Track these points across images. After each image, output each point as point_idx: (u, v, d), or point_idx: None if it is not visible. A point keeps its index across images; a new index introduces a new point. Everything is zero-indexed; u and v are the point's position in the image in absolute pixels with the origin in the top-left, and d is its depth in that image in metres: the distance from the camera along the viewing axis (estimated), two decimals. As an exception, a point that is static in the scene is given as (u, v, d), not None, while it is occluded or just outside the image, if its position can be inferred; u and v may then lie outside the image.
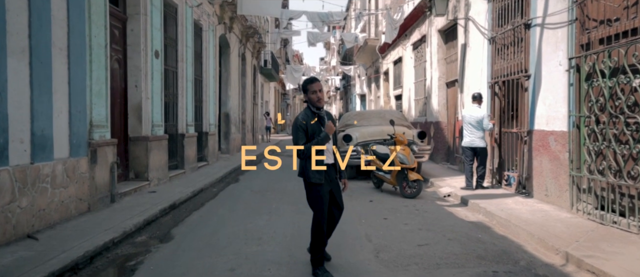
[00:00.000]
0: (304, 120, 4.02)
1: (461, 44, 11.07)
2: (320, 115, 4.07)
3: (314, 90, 4.01)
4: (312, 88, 4.02)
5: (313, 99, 4.02)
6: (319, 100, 4.02)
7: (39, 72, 5.17)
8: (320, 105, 4.04)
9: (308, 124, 4.01)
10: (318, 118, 4.04)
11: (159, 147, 8.91)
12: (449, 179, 9.87)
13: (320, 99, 4.03)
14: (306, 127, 4.01)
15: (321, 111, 4.09)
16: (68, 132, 5.79)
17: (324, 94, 4.08)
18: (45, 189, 5.25)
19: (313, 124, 4.01)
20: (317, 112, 4.05)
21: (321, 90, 4.05)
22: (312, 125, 4.01)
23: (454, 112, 12.43)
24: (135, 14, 8.31)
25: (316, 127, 4.02)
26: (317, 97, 4.01)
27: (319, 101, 4.02)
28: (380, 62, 22.99)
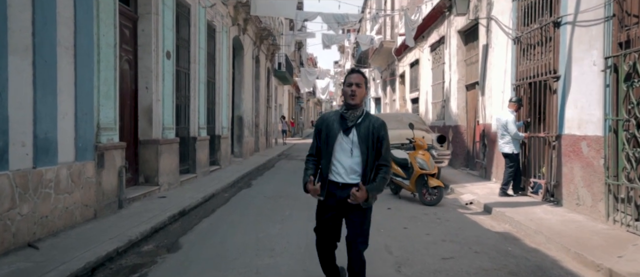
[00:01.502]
0: (325, 118, 3.32)
1: (483, 45, 10.65)
2: (344, 116, 3.20)
3: (349, 83, 3.20)
4: (348, 80, 3.21)
5: (346, 92, 3.21)
6: (351, 95, 3.16)
7: (43, 72, 4.93)
8: (351, 102, 3.17)
9: (326, 124, 3.25)
10: (342, 121, 3.21)
11: (170, 151, 8.66)
12: (469, 185, 9.45)
13: (353, 94, 3.15)
14: (321, 127, 3.28)
15: (349, 112, 3.19)
16: (74, 135, 5.54)
17: (363, 90, 3.18)
18: (48, 194, 5.00)
19: (332, 124, 3.22)
20: (343, 112, 3.22)
21: (359, 85, 3.17)
22: (329, 127, 3.22)
23: (473, 115, 12.00)
24: (146, 14, 8.08)
25: (333, 129, 3.20)
26: (350, 91, 3.17)
27: (351, 97, 3.16)
28: (396, 65, 22.58)
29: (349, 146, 3.16)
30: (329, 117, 3.31)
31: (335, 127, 3.20)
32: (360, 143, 3.13)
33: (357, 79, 3.19)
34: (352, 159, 3.16)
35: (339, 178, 3.18)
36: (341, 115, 3.23)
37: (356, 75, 3.22)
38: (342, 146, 3.17)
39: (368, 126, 3.16)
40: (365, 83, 3.24)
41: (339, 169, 3.17)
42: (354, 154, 3.15)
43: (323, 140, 3.24)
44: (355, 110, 3.19)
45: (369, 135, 3.13)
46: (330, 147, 3.18)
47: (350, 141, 3.16)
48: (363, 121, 3.19)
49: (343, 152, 3.17)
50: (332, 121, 3.24)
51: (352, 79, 3.20)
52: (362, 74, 3.24)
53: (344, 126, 3.19)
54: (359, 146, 3.13)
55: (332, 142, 3.17)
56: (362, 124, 3.17)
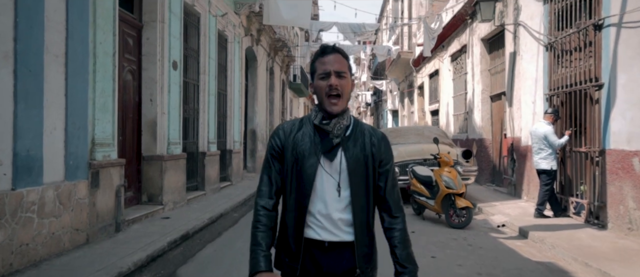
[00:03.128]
0: (288, 131, 1.90)
1: (509, 53, 9.95)
2: (322, 129, 1.85)
3: (324, 72, 1.83)
4: (323, 66, 1.84)
5: (320, 88, 1.84)
6: (332, 94, 1.82)
7: (26, 82, 4.41)
8: (333, 106, 1.82)
9: (293, 143, 1.87)
10: (319, 134, 1.86)
11: (176, 167, 8.11)
12: (499, 204, 8.70)
13: (336, 92, 1.82)
14: (281, 148, 1.88)
15: (332, 122, 1.84)
16: (63, 151, 5.01)
17: (349, 83, 1.86)
18: (29, 219, 4.45)
19: (303, 143, 1.86)
20: (320, 122, 1.85)
21: (342, 75, 1.83)
22: (298, 146, 1.86)
23: (499, 128, 11.26)
24: (151, 22, 7.60)
25: (305, 151, 1.85)
26: (327, 86, 1.82)
27: (331, 98, 1.82)
28: (414, 76, 21.92)
29: (335, 179, 1.82)
30: (293, 130, 1.90)
31: (308, 148, 1.84)
32: (352, 173, 1.82)
33: (338, 62, 1.83)
34: (341, 200, 1.82)
35: (324, 234, 1.83)
36: (316, 126, 1.86)
37: (335, 56, 1.84)
38: (324, 179, 1.83)
39: (363, 143, 1.87)
40: (349, 68, 1.88)
41: (322, 220, 1.83)
42: (343, 193, 1.82)
43: (289, 171, 1.85)
44: (341, 117, 1.84)
45: (366, 158, 1.85)
46: (305, 183, 1.81)
47: (336, 169, 1.83)
48: (353, 135, 1.87)
49: (327, 190, 1.82)
50: (302, 137, 1.86)
51: (328, 62, 1.82)
52: (343, 54, 1.87)
53: (326, 146, 1.83)
54: (350, 178, 1.82)
55: (307, 174, 1.81)
56: (351, 140, 1.86)
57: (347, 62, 1.89)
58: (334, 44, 1.94)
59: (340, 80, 1.83)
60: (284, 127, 1.94)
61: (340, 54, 1.87)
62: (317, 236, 1.84)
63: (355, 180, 1.83)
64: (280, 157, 1.89)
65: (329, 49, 1.88)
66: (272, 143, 1.92)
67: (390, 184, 1.91)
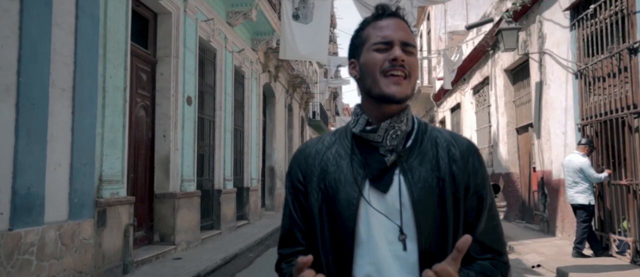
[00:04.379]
0: (311, 151, 1.23)
1: (535, 82, 9.56)
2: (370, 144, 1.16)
3: (383, 40, 1.14)
4: (380, 28, 1.16)
5: (374, 63, 1.14)
6: (391, 68, 1.12)
7: (28, 116, 4.23)
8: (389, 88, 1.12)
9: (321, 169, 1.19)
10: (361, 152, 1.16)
11: (189, 206, 7.82)
12: (531, 242, 8.12)
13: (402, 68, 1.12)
14: (304, 177, 1.21)
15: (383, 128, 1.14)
16: (68, 188, 4.77)
17: (417, 64, 1.19)
18: (27, 262, 4.17)
19: (338, 168, 1.16)
20: (364, 132, 1.16)
21: (409, 49, 1.15)
22: (329, 174, 1.17)
23: (527, 161, 10.73)
24: (165, 57, 7.51)
25: (341, 180, 1.15)
26: (387, 59, 1.13)
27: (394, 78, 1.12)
28: (435, 111, 21.57)
29: (395, 222, 1.10)
30: (320, 149, 1.22)
31: (344, 174, 1.15)
32: (420, 208, 1.10)
33: (404, 30, 1.17)
34: (407, 257, 1.10)
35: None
36: (356, 138, 1.19)
37: (398, 21, 1.17)
38: (374, 224, 1.11)
39: (434, 159, 1.15)
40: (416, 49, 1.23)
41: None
42: (409, 245, 1.10)
43: (316, 215, 1.17)
44: (396, 119, 1.15)
45: (441, 182, 1.12)
46: (341, 232, 1.13)
47: (394, 205, 1.11)
48: (417, 146, 1.17)
49: (379, 242, 1.11)
50: (335, 159, 1.19)
51: (389, 27, 1.16)
52: (406, 22, 1.20)
53: (374, 168, 1.14)
54: (418, 218, 1.10)
55: (345, 217, 1.12)
56: (415, 154, 1.15)
57: (411, 32, 1.21)
58: (397, 8, 1.21)
59: (409, 57, 1.14)
60: (307, 147, 1.26)
61: (405, 22, 1.21)
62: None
63: (425, 222, 1.09)
64: (304, 196, 1.20)
65: (390, 10, 1.19)
66: (291, 175, 1.24)
67: (489, 223, 1.15)
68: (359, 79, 1.20)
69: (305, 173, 1.21)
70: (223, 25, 9.76)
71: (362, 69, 1.18)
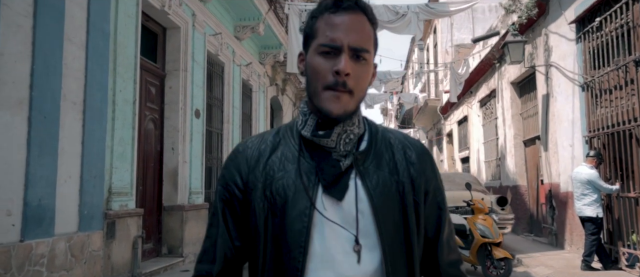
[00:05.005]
0: (253, 153, 1.08)
1: (542, 95, 9.56)
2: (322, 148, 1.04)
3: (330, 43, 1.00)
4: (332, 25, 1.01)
5: (318, 70, 1.02)
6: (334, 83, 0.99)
7: (40, 129, 4.31)
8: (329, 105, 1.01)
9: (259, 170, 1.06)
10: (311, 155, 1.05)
11: (197, 218, 7.86)
12: (539, 255, 8.07)
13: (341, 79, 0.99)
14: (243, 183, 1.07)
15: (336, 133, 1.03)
16: (77, 201, 4.84)
17: (368, 71, 1.04)
18: (38, 273, 4.22)
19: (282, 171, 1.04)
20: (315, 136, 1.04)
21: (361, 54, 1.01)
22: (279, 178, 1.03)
23: (535, 173, 10.69)
24: (174, 71, 7.61)
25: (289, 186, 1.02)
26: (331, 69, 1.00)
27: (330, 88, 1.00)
28: (442, 124, 21.56)
29: (350, 231, 1.00)
30: (263, 152, 1.08)
31: (292, 182, 1.03)
32: (381, 215, 1.01)
33: (359, 30, 1.02)
34: (362, 269, 0.99)
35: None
36: (306, 141, 1.06)
37: (354, 17, 1.02)
38: (328, 236, 1.00)
39: (391, 161, 1.07)
40: (374, 47, 1.06)
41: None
42: (365, 256, 1.00)
43: (261, 228, 1.03)
44: (348, 122, 1.05)
45: (401, 186, 1.05)
46: (291, 248, 1.00)
47: (350, 213, 1.01)
48: (372, 148, 1.08)
49: (335, 254, 0.99)
50: (281, 163, 1.05)
51: (343, 26, 1.01)
52: (369, 16, 1.05)
53: (329, 173, 1.02)
54: (379, 225, 1.01)
55: (294, 231, 1.00)
56: (372, 157, 1.06)
57: (374, 32, 1.07)
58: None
59: (357, 66, 1.01)
60: (248, 148, 1.10)
61: (366, 14, 1.05)
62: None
63: (386, 228, 1.01)
64: (240, 204, 1.07)
65: (347, 3, 1.03)
66: (225, 179, 1.09)
67: (446, 231, 1.12)
68: (305, 77, 1.07)
69: (247, 178, 1.06)
70: (231, 39, 9.88)
71: (307, 70, 1.05)
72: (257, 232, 1.03)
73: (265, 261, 1.02)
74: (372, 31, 1.06)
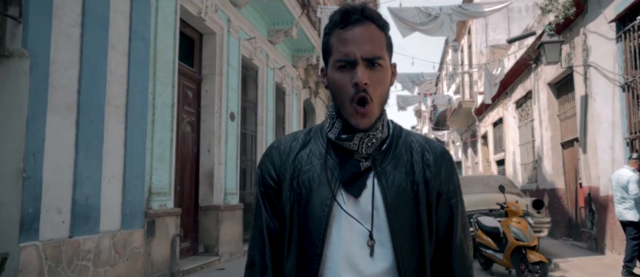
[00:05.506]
0: (285, 149, 1.19)
1: (580, 96, 9.33)
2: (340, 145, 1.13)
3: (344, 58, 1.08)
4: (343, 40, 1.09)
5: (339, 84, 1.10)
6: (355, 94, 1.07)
7: (87, 132, 4.57)
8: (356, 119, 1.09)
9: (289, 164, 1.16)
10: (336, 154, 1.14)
11: (232, 218, 8.07)
12: (577, 260, 7.87)
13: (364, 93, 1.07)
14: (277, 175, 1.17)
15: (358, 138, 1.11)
16: (120, 200, 5.09)
17: (386, 75, 1.12)
18: (85, 267, 4.48)
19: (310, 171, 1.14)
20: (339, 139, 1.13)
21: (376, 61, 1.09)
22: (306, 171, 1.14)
23: (573, 176, 10.42)
24: (210, 75, 7.85)
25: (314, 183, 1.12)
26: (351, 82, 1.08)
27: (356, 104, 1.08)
28: (477, 125, 21.21)
29: (365, 226, 1.09)
30: (294, 147, 1.19)
31: (317, 175, 1.13)
32: (394, 213, 1.10)
33: (370, 40, 1.09)
34: (375, 263, 1.09)
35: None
36: (332, 143, 1.15)
37: (364, 28, 1.10)
38: (345, 228, 1.10)
39: (409, 163, 1.15)
40: (389, 50, 1.14)
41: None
42: (378, 250, 1.09)
43: (287, 215, 1.14)
44: (374, 125, 1.12)
45: (415, 186, 1.13)
46: (312, 235, 1.10)
47: (366, 209, 1.10)
48: (392, 150, 1.16)
49: (350, 247, 1.09)
50: (309, 158, 1.16)
51: (353, 40, 1.08)
52: (378, 23, 1.11)
53: (348, 171, 1.12)
54: (391, 223, 1.09)
55: (316, 218, 1.10)
56: (390, 158, 1.15)
57: (386, 36, 1.13)
58: (363, 5, 1.13)
59: (373, 73, 1.09)
60: (281, 144, 1.21)
61: (375, 22, 1.11)
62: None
63: (399, 226, 1.08)
64: (275, 194, 1.17)
65: (355, 14, 1.09)
66: (261, 172, 1.20)
67: (459, 234, 1.16)
68: (330, 90, 1.15)
69: (279, 170, 1.16)
70: (264, 44, 10.09)
71: (330, 85, 1.14)
72: (284, 218, 1.14)
73: (289, 244, 1.13)
74: (384, 36, 1.13)
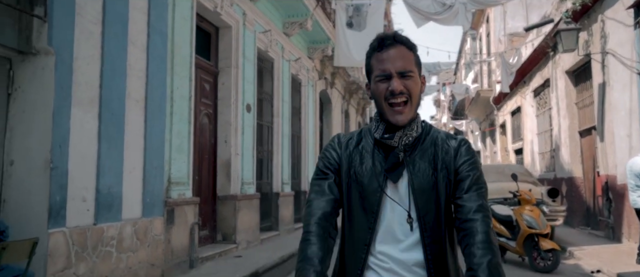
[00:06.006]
0: (344, 143, 1.57)
1: (598, 84, 9.24)
2: (383, 143, 1.50)
3: (383, 70, 1.46)
4: (381, 63, 1.47)
5: (379, 93, 1.47)
6: (392, 98, 1.45)
7: (109, 125, 4.79)
8: (397, 116, 1.46)
9: (349, 159, 1.53)
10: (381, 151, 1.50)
11: (249, 207, 8.28)
12: (592, 248, 7.88)
13: (400, 98, 1.45)
14: (338, 161, 1.54)
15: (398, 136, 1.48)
16: (141, 189, 5.31)
17: (417, 84, 1.48)
18: (109, 253, 4.71)
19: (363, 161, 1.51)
20: (383, 138, 1.49)
21: (408, 74, 1.46)
22: (355, 165, 1.52)
23: (591, 165, 10.34)
24: (226, 68, 8.03)
25: (366, 172, 1.49)
26: (387, 89, 1.45)
27: (394, 107, 1.46)
28: (495, 114, 21.04)
29: (404, 207, 1.45)
30: (350, 144, 1.55)
31: (369, 168, 1.48)
32: (419, 193, 1.44)
33: (401, 58, 1.45)
34: (413, 234, 1.44)
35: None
36: (377, 141, 1.51)
37: (396, 50, 1.45)
38: (389, 208, 1.46)
39: (432, 153, 1.48)
40: (417, 63, 1.49)
41: (389, 263, 1.46)
42: (414, 224, 1.44)
43: (345, 196, 1.51)
44: (408, 128, 1.48)
45: (434, 170, 1.46)
46: (367, 213, 1.46)
47: (404, 193, 1.46)
48: (420, 145, 1.50)
49: (394, 223, 1.45)
50: (361, 154, 1.51)
51: (388, 60, 1.45)
52: (407, 45, 1.48)
53: (389, 163, 1.47)
54: (417, 201, 1.44)
55: (370, 202, 1.46)
56: (418, 151, 1.48)
57: (414, 55, 1.49)
58: (395, 33, 1.50)
59: (406, 82, 1.45)
60: (340, 138, 1.59)
61: (405, 45, 1.48)
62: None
63: (422, 203, 1.43)
64: (335, 173, 1.52)
65: (388, 40, 1.46)
66: (326, 155, 1.55)
67: (474, 193, 1.44)
68: (373, 100, 1.53)
69: (340, 157, 1.54)
70: (280, 36, 10.22)
71: (373, 95, 1.51)
72: (342, 196, 1.52)
73: (349, 219, 1.51)
74: (412, 55, 1.50)
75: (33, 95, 4.11)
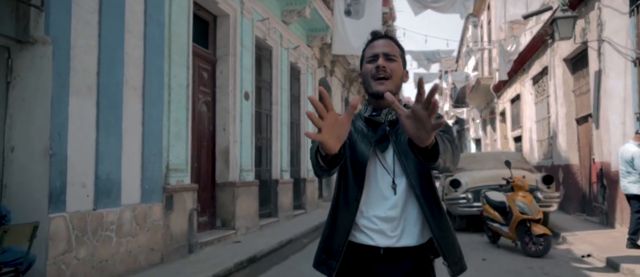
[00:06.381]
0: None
1: (594, 72, 9.28)
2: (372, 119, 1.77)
3: (373, 55, 1.73)
4: (371, 50, 1.76)
5: (367, 71, 1.74)
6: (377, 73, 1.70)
7: (107, 112, 4.89)
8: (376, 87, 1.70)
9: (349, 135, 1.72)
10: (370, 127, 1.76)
11: (248, 194, 8.41)
12: (586, 233, 7.99)
13: (381, 70, 1.70)
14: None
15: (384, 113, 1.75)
16: (140, 176, 5.43)
17: (400, 68, 1.74)
18: (108, 238, 4.84)
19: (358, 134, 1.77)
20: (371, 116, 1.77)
21: (392, 57, 1.72)
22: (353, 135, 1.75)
23: (587, 152, 10.41)
24: (224, 56, 8.10)
25: (359, 143, 1.75)
26: (374, 66, 1.71)
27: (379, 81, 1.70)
28: (495, 102, 21.06)
29: (390, 175, 1.70)
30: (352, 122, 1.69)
31: (360, 137, 1.75)
32: (404, 158, 1.68)
33: (389, 46, 1.74)
34: (398, 197, 1.68)
35: (378, 239, 1.69)
36: (367, 120, 1.77)
37: (385, 41, 1.76)
38: (379, 174, 1.71)
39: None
40: (401, 56, 1.76)
41: (376, 222, 1.69)
42: (399, 189, 1.68)
43: (347, 153, 1.72)
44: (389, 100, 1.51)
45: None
46: (357, 172, 1.72)
47: (390, 162, 1.71)
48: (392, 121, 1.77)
49: (381, 186, 1.71)
50: (354, 130, 1.76)
51: (378, 46, 1.74)
52: (395, 42, 1.79)
53: (378, 135, 1.73)
54: (403, 166, 1.68)
55: (359, 162, 1.72)
56: (401, 126, 1.58)
57: (401, 50, 1.78)
58: (386, 31, 1.88)
59: (390, 63, 1.71)
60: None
61: (393, 40, 1.79)
62: (370, 241, 1.68)
63: (409, 167, 1.67)
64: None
65: (380, 34, 1.80)
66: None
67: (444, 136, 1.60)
68: (362, 84, 1.80)
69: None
70: (278, 24, 10.27)
71: (362, 76, 1.79)
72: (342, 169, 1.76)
73: (345, 175, 1.76)
74: (399, 50, 1.78)
75: (32, 83, 4.20)
